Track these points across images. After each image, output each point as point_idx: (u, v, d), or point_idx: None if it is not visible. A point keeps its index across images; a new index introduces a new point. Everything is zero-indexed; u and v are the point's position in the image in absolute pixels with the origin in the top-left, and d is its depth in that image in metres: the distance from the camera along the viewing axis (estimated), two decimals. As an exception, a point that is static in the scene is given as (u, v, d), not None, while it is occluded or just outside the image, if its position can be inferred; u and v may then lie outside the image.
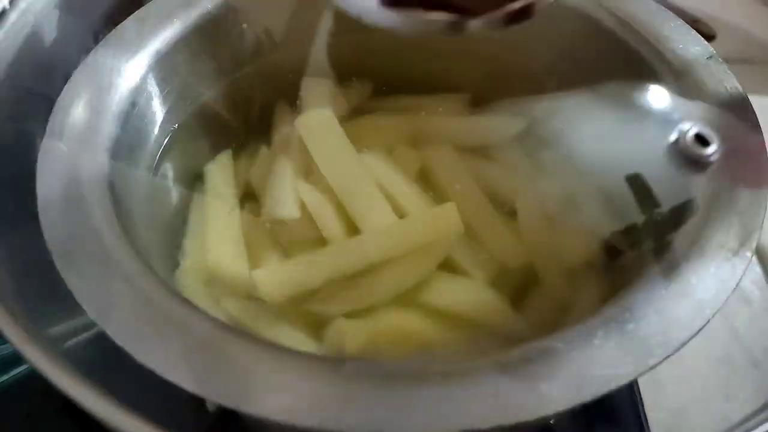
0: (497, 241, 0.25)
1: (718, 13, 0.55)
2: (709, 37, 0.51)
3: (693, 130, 0.21)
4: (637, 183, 0.22)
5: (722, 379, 0.33)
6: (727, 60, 0.25)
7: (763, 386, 0.33)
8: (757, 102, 0.24)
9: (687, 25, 0.25)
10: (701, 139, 0.21)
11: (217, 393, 0.16)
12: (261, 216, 0.26)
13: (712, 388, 0.33)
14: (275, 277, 0.24)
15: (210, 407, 0.26)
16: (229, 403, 0.16)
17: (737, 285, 0.18)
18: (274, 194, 0.26)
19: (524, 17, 0.18)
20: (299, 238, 0.25)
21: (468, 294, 0.24)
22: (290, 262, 0.25)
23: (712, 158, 0.21)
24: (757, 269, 0.39)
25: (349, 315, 0.23)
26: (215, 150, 0.28)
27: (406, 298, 0.24)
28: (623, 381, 0.16)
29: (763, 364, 0.34)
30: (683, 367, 0.34)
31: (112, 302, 0.18)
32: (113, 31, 0.26)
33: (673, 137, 0.21)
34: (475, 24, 0.17)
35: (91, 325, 0.20)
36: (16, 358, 0.26)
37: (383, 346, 0.23)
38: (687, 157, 0.21)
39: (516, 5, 0.17)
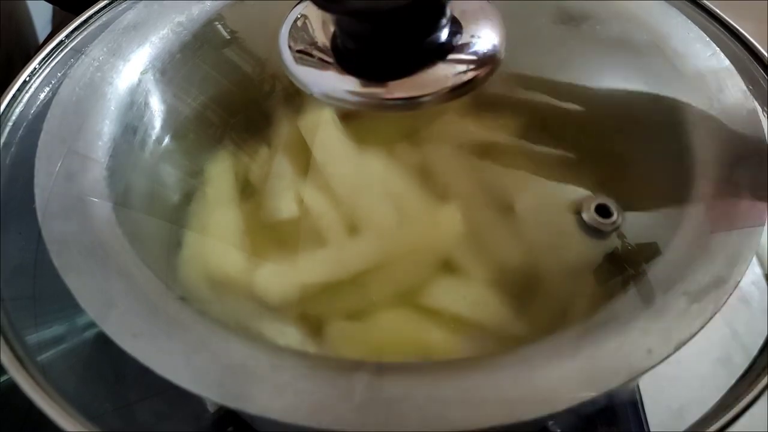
0: (497, 242, 0.25)
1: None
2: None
3: (595, 202, 0.23)
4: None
5: (722, 379, 0.33)
6: None
7: (762, 387, 0.33)
8: None
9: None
10: (604, 210, 0.23)
11: (217, 392, 0.16)
12: (261, 215, 0.26)
13: (711, 388, 0.33)
14: (275, 277, 0.24)
15: (210, 407, 0.26)
16: (230, 402, 0.16)
17: (737, 284, 0.18)
18: (274, 194, 0.26)
19: (469, 89, 0.20)
20: (299, 237, 0.25)
21: (468, 295, 0.24)
22: (290, 262, 0.25)
23: (614, 227, 0.23)
24: (756, 270, 0.39)
25: (349, 316, 0.23)
26: (215, 149, 0.28)
27: (406, 299, 0.24)
28: (623, 380, 0.16)
29: (762, 364, 0.34)
30: (682, 368, 0.34)
31: (111, 302, 0.18)
32: (109, 28, 0.26)
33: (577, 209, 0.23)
34: (425, 100, 0.20)
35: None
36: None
37: (383, 346, 0.23)
38: (591, 227, 0.23)
39: (460, 79, 0.20)
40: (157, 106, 0.26)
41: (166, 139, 0.26)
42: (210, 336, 0.17)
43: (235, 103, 0.29)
